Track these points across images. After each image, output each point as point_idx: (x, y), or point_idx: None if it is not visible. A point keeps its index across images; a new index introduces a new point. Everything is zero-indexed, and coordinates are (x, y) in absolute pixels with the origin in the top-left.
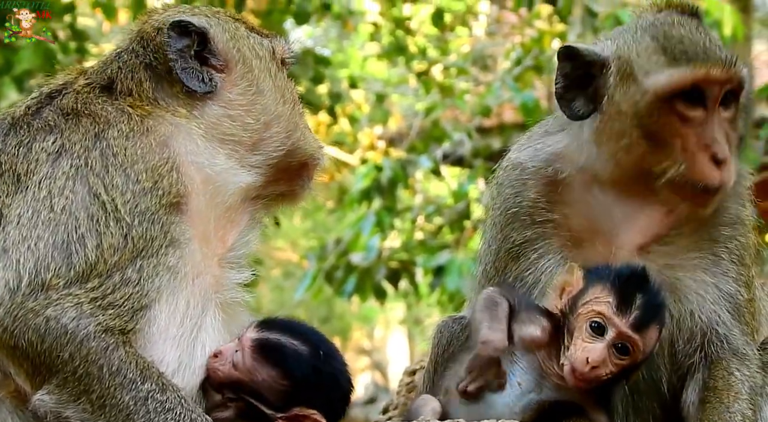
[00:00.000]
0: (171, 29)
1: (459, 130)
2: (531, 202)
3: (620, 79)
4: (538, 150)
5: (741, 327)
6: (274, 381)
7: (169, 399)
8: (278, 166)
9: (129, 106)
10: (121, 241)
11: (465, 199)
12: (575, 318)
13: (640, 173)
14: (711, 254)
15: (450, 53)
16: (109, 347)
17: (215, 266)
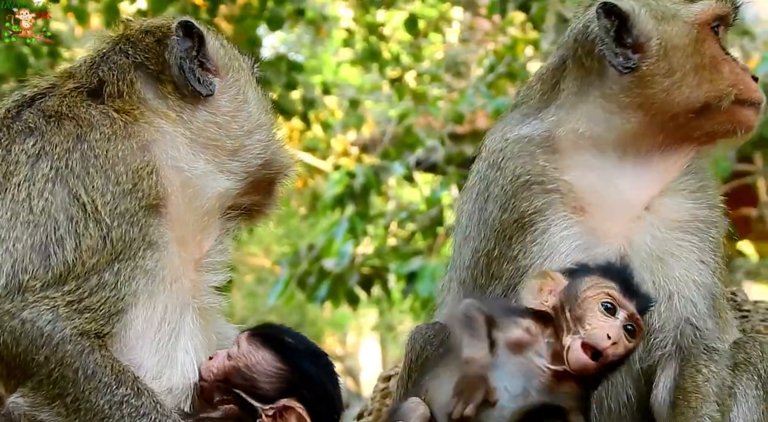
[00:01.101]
0: (178, 29)
1: (432, 136)
2: (540, 170)
3: (661, 20)
4: (538, 125)
5: (715, 320)
6: (268, 364)
7: (144, 404)
8: (254, 175)
9: (116, 110)
10: (99, 243)
11: (438, 205)
12: (580, 304)
13: (693, 105)
14: (698, 239)
15: (423, 60)
16: (84, 350)
17: (192, 271)
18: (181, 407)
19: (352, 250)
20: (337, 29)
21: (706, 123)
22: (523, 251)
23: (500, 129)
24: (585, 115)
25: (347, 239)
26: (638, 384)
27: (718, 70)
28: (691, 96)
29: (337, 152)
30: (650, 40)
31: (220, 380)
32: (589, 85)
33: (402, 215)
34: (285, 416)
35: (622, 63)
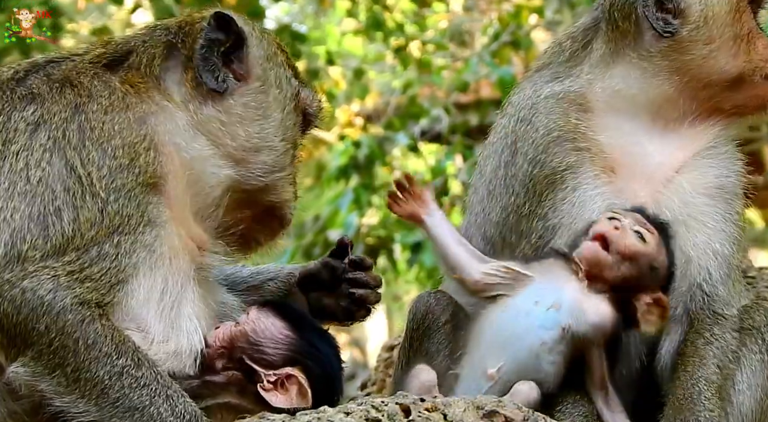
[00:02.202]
0: (213, 18)
1: (436, 106)
2: (573, 127)
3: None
4: (570, 82)
5: (727, 288)
6: (277, 330)
7: (144, 375)
8: (251, 194)
9: (123, 81)
10: (97, 216)
11: (443, 175)
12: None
13: (719, 81)
14: (723, 209)
15: (427, 29)
16: (85, 319)
17: (194, 251)
18: (187, 371)
19: (357, 221)
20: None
21: (737, 95)
22: (553, 208)
23: (530, 86)
24: (620, 75)
25: (352, 209)
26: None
27: (754, 43)
28: (726, 66)
29: (341, 122)
30: (691, 6)
31: (225, 345)
32: (625, 46)
33: None
34: (286, 385)
35: (662, 27)
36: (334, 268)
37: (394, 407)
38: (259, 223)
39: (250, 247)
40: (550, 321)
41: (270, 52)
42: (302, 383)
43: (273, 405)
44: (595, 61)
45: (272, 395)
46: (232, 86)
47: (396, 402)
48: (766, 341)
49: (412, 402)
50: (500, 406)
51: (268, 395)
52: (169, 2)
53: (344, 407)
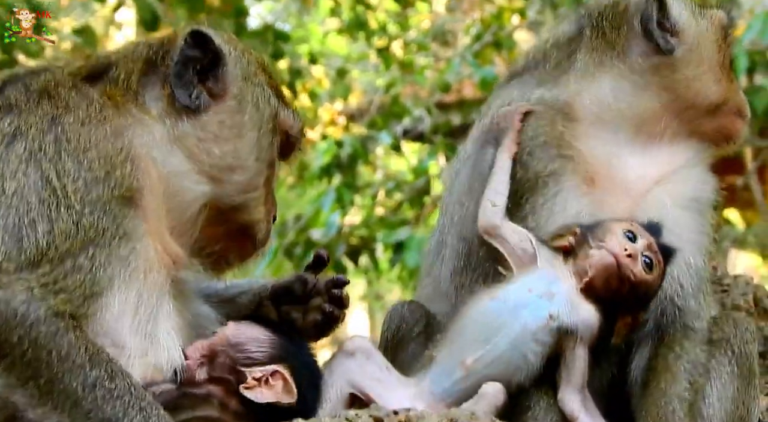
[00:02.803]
0: (189, 35)
1: (419, 106)
2: (558, 134)
3: (693, 14)
4: (557, 91)
5: (698, 301)
6: (259, 332)
7: (118, 386)
8: (225, 212)
9: (102, 94)
10: (72, 228)
11: (425, 175)
12: (603, 230)
13: (701, 104)
14: (697, 222)
15: (410, 29)
16: (59, 331)
17: (170, 266)
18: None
19: (340, 220)
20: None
21: (712, 122)
22: (533, 212)
23: (516, 89)
24: (610, 87)
25: (334, 209)
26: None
27: (730, 76)
28: (709, 91)
29: (324, 121)
30: (686, 29)
31: (205, 354)
32: (612, 57)
33: (389, 184)
34: (271, 381)
35: (665, 44)
36: (307, 282)
37: (368, 419)
38: (232, 242)
39: (223, 266)
40: (540, 307)
41: (249, 71)
42: (288, 379)
43: (258, 401)
44: (581, 72)
45: (257, 392)
46: (206, 104)
47: (369, 414)
48: (736, 352)
49: (385, 415)
50: (474, 419)
51: (253, 392)
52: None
53: (317, 420)
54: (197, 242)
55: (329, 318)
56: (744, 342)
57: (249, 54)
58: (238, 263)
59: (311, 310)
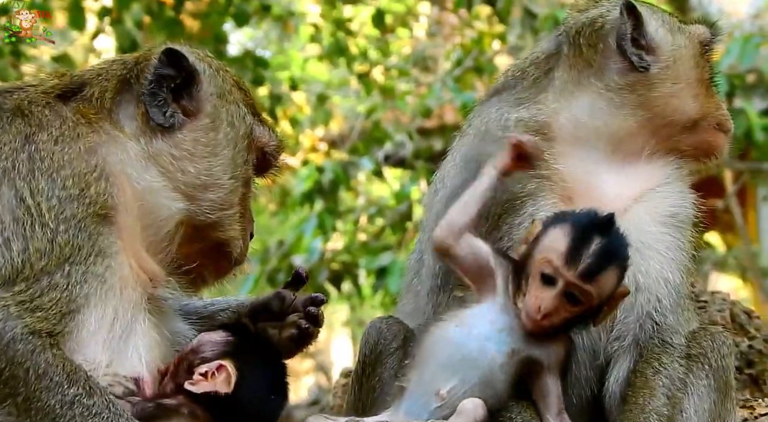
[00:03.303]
0: (163, 53)
1: (400, 131)
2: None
3: (670, 30)
4: (535, 110)
5: (676, 316)
6: (218, 336)
7: (96, 403)
8: (201, 230)
9: (75, 112)
10: (47, 246)
11: (407, 200)
12: (531, 266)
13: (679, 121)
14: (675, 238)
15: (391, 55)
16: (35, 349)
17: (146, 283)
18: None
19: (322, 246)
20: (304, 25)
21: (692, 138)
22: (509, 233)
23: (495, 110)
24: (587, 105)
25: (316, 234)
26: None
27: (710, 91)
28: (687, 107)
29: (305, 147)
30: (662, 46)
31: (175, 364)
32: (589, 75)
33: (371, 210)
34: (216, 375)
35: (638, 61)
36: (284, 298)
37: None
38: (208, 260)
39: (200, 284)
40: (502, 342)
41: (224, 89)
42: (230, 371)
43: (195, 392)
44: (558, 90)
45: (198, 385)
46: (180, 122)
47: None
48: (713, 366)
49: None
50: None
51: (193, 386)
52: (131, 28)
53: None
54: (175, 259)
55: (304, 334)
56: (721, 355)
57: (225, 72)
58: (215, 280)
59: (287, 326)
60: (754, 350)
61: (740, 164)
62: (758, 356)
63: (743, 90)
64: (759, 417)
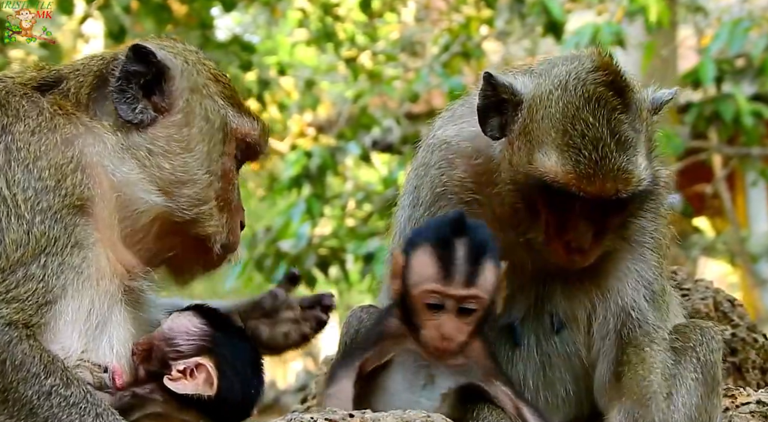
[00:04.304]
0: (130, 50)
1: (388, 116)
2: (458, 181)
3: (522, 130)
4: (463, 130)
5: (655, 313)
6: (191, 323)
7: (74, 393)
8: (180, 225)
9: (53, 104)
10: (23, 237)
11: (394, 186)
12: (412, 301)
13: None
14: (635, 242)
15: (378, 40)
16: (12, 340)
17: (123, 274)
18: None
19: (309, 231)
20: (291, 10)
21: None
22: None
23: (439, 121)
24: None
25: (304, 220)
26: (578, 379)
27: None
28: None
29: (293, 132)
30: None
31: (145, 348)
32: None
33: (359, 195)
34: (195, 373)
35: (486, 132)
36: (277, 296)
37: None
38: (190, 254)
39: (186, 277)
40: (431, 397)
41: (198, 83)
42: (210, 371)
43: (178, 392)
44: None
45: (179, 384)
46: (151, 118)
47: (325, 418)
48: (701, 360)
49: (341, 418)
50: (428, 420)
51: (174, 384)
52: (119, 13)
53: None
54: (155, 252)
55: (304, 337)
56: (710, 350)
57: (201, 64)
58: (202, 273)
59: (280, 322)
60: (737, 338)
61: (729, 149)
62: (741, 344)
63: (732, 75)
64: (740, 406)
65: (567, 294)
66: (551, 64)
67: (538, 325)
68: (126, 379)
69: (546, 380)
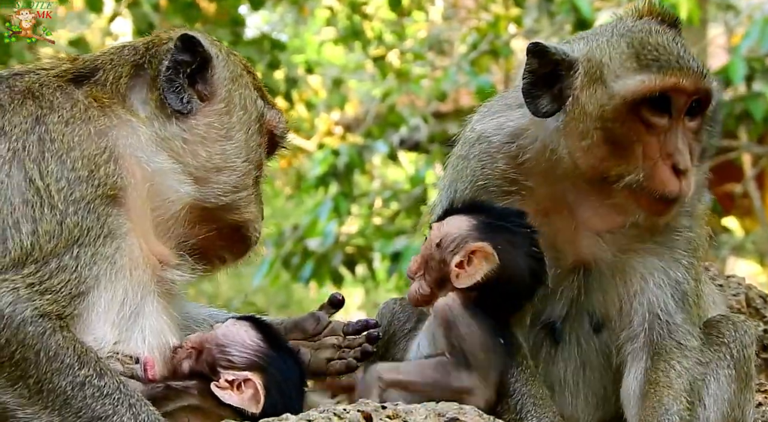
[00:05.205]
0: (179, 40)
1: (415, 115)
2: (499, 173)
3: (588, 81)
4: (502, 124)
5: (684, 316)
6: (248, 336)
7: (107, 384)
8: (213, 213)
9: (87, 95)
10: (56, 228)
11: (422, 184)
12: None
13: (597, 175)
14: (668, 242)
15: (406, 38)
16: (46, 332)
17: (156, 265)
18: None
19: (337, 229)
20: (319, 8)
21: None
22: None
23: (477, 115)
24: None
25: (331, 218)
26: (615, 378)
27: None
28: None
29: (320, 131)
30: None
31: (194, 346)
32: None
33: (386, 194)
34: (243, 387)
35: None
36: (319, 319)
37: (356, 414)
38: (223, 241)
39: (215, 265)
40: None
41: (236, 73)
42: (258, 389)
43: (223, 400)
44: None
45: (225, 392)
46: (196, 107)
47: (358, 409)
48: (735, 356)
49: (373, 410)
50: (461, 413)
51: (221, 392)
52: (148, 11)
53: (306, 414)
54: (187, 241)
55: (349, 368)
56: (743, 345)
57: (234, 56)
58: (231, 262)
59: (323, 347)
60: None
61: (759, 148)
62: None
63: (763, 73)
64: None
65: (602, 292)
66: (589, 32)
67: (577, 324)
68: (159, 371)
69: (585, 379)
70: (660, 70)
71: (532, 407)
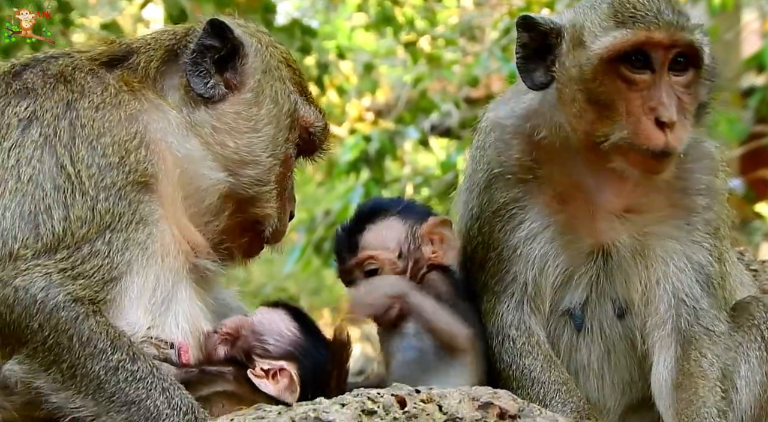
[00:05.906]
0: (208, 24)
1: (447, 101)
2: (515, 161)
3: (572, 46)
4: (514, 108)
5: (710, 300)
6: (284, 324)
7: (141, 368)
8: (241, 203)
9: (118, 80)
10: (88, 214)
11: (453, 170)
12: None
13: (591, 141)
14: (686, 223)
15: (438, 24)
16: (79, 316)
17: (188, 251)
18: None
19: None
20: None
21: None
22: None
23: (492, 104)
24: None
25: None
26: (642, 364)
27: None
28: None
29: (352, 117)
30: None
31: (230, 332)
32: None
33: (417, 180)
34: (278, 377)
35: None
36: None
37: (390, 398)
38: (241, 237)
39: (229, 260)
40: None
41: (271, 65)
42: (294, 379)
43: (260, 388)
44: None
45: (261, 381)
46: (222, 94)
47: (392, 393)
48: (766, 338)
49: (407, 394)
50: (495, 397)
51: (258, 380)
52: None
53: (340, 398)
54: (216, 231)
55: None
56: None
57: (273, 48)
58: (243, 259)
59: None
60: None
61: None
62: None
63: None
64: None
65: (624, 276)
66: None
67: (600, 310)
68: (193, 355)
69: (611, 364)
70: (634, 25)
71: (555, 393)
